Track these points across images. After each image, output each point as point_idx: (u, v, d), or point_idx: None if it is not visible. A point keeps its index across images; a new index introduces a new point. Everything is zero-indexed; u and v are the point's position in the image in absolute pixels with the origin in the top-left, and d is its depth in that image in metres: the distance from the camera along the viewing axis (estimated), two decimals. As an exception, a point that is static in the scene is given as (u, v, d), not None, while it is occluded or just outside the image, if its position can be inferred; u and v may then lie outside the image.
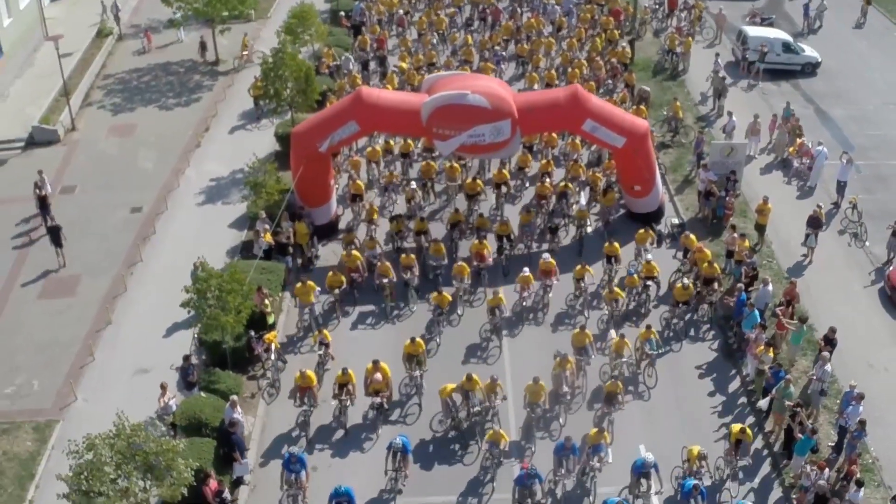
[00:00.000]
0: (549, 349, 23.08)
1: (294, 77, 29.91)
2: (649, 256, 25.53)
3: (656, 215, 28.11)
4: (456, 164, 29.72)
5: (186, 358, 21.68)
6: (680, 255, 26.48)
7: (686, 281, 24.25)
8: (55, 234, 26.94)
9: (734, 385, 22.81)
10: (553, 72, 34.93)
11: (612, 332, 23.58)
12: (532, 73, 35.14)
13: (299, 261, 26.52)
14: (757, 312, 22.75)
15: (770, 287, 23.96)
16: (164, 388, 20.94)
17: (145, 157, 32.37)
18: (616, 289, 24.41)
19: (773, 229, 27.48)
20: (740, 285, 23.71)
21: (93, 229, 28.75)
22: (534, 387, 21.26)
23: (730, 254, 25.61)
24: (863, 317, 24.88)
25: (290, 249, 26.10)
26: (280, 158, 30.16)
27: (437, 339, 24.08)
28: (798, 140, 30.55)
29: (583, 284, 24.84)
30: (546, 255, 25.38)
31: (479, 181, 29.01)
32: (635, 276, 24.92)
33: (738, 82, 36.32)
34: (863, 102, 35.45)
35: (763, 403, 21.47)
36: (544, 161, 30.25)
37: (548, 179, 28.89)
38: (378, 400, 21.63)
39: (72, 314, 25.65)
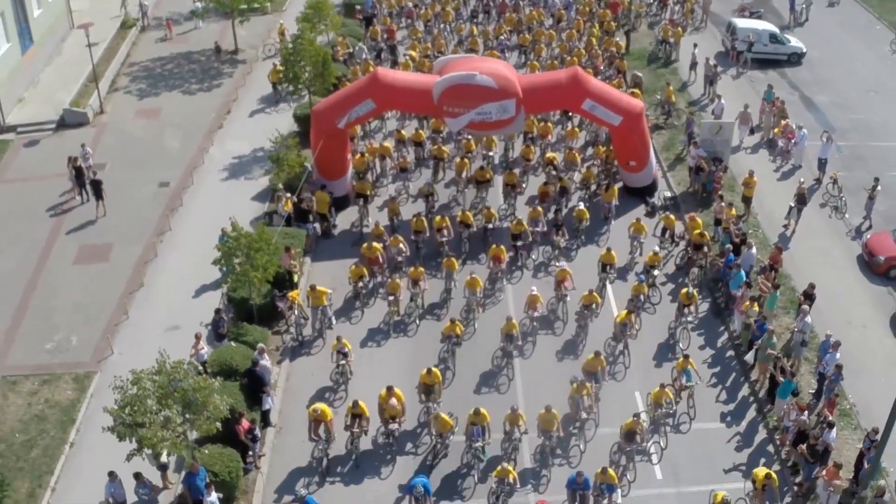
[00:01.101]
0: (561, 373, 22.62)
1: (312, 62, 31.12)
2: (656, 248, 25.50)
3: (650, 189, 29.33)
4: (465, 160, 29.99)
5: (217, 311, 22.89)
6: (659, 232, 26.77)
7: (692, 289, 23.92)
8: (97, 187, 28.51)
9: (722, 340, 24.07)
10: (553, 61, 36.11)
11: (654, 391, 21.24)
12: (533, 61, 36.25)
13: (318, 227, 27.67)
14: (743, 273, 24.00)
15: (754, 250, 25.26)
16: (197, 337, 22.12)
17: (171, 137, 33.59)
18: (630, 312, 23.18)
19: (758, 202, 28.72)
20: (728, 246, 24.93)
21: (123, 202, 29.87)
22: (546, 415, 20.41)
23: (717, 222, 26.84)
24: (842, 280, 26.12)
25: (311, 217, 27.31)
26: (299, 138, 31.17)
27: (452, 368, 23.15)
28: (783, 122, 31.76)
29: (589, 312, 23.83)
30: (562, 263, 25.32)
31: (487, 170, 29.43)
32: (644, 284, 24.47)
33: (728, 70, 37.45)
34: (845, 90, 36.61)
35: (750, 356, 22.76)
36: (550, 154, 30.43)
37: (552, 170, 29.51)
38: (393, 426, 20.87)
39: (106, 278, 26.85)
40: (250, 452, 20.25)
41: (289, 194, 27.09)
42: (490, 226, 27.40)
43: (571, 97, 27.96)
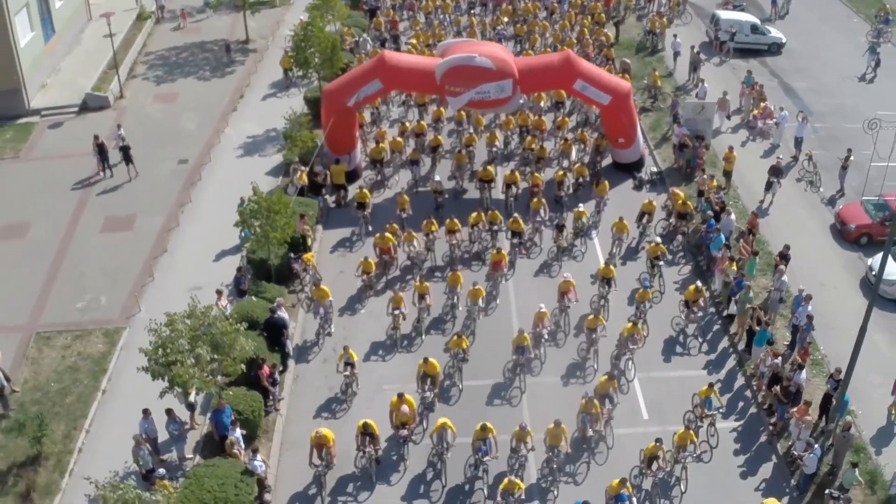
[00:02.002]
0: (567, 390, 22.56)
1: (321, 48, 32.48)
2: (657, 238, 25.97)
3: (637, 165, 30.78)
4: (463, 153, 30.44)
5: (239, 269, 24.31)
6: (636, 217, 27.53)
7: (699, 283, 24.33)
8: (126, 153, 30.22)
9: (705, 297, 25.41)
10: (547, 49, 37.45)
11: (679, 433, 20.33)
12: (528, 50, 37.65)
13: (330, 199, 29.14)
14: (723, 236, 25.45)
15: (733, 216, 26.81)
16: (219, 293, 23.43)
17: (188, 119, 34.93)
18: (635, 324, 22.82)
19: (738, 176, 30.19)
20: (709, 213, 26.38)
21: (145, 177, 31.25)
22: (555, 430, 20.15)
23: (700, 193, 28.25)
24: (816, 246, 27.60)
25: (325, 191, 28.72)
26: (310, 118, 32.54)
27: (459, 385, 22.75)
28: (761, 104, 33.25)
29: (594, 336, 23.15)
30: (567, 275, 24.80)
31: (490, 168, 29.52)
32: (648, 290, 24.37)
33: (712, 59, 38.94)
34: (822, 77, 38.06)
35: (732, 310, 24.19)
36: (541, 146, 31.06)
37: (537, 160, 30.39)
38: (404, 433, 20.74)
39: (131, 245, 28.16)
40: (271, 397, 21.68)
41: (303, 167, 28.50)
42: (496, 227, 27.50)
43: (563, 78, 29.39)
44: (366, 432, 20.15)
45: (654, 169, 30.87)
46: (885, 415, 21.80)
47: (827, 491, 19.01)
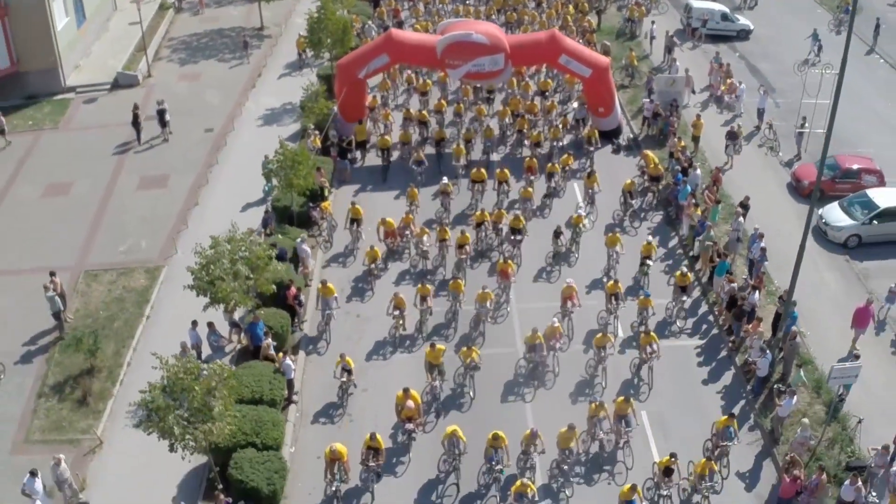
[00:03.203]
0: (576, 404, 22.55)
1: (333, 29, 35.23)
2: (649, 238, 26.45)
3: (616, 132, 33.66)
4: (461, 147, 31.46)
5: (266, 211, 26.98)
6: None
7: (685, 269, 25.12)
8: (161, 116, 32.94)
9: (673, 243, 28.37)
10: (536, 34, 40.38)
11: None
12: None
13: (355, 157, 32.10)
14: (689, 187, 28.27)
15: (699, 172, 29.65)
16: (249, 231, 26.10)
17: (211, 95, 37.60)
18: (651, 334, 22.97)
19: (705, 141, 33.07)
20: (678, 168, 29.22)
21: (175, 143, 34.02)
22: (567, 433, 20.26)
23: (671, 155, 31.08)
24: (773, 201, 30.38)
25: (350, 154, 31.89)
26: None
27: (471, 394, 22.72)
28: (728, 80, 36.16)
29: (603, 353, 22.99)
30: (570, 280, 24.97)
31: (483, 171, 30.04)
32: (649, 298, 24.44)
33: (685, 44, 41.83)
34: (785, 60, 40.74)
35: (696, 249, 26.99)
36: (535, 133, 32.36)
37: (537, 150, 31.64)
38: (410, 426, 21.00)
39: (165, 199, 30.80)
40: (296, 316, 24.36)
41: (317, 131, 31.21)
42: (501, 226, 27.72)
43: (550, 53, 32.20)
44: (371, 446, 19.90)
45: (631, 135, 33.82)
46: (829, 338, 24.48)
47: (774, 386, 21.82)
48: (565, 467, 20.46)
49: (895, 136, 35.23)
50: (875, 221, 28.03)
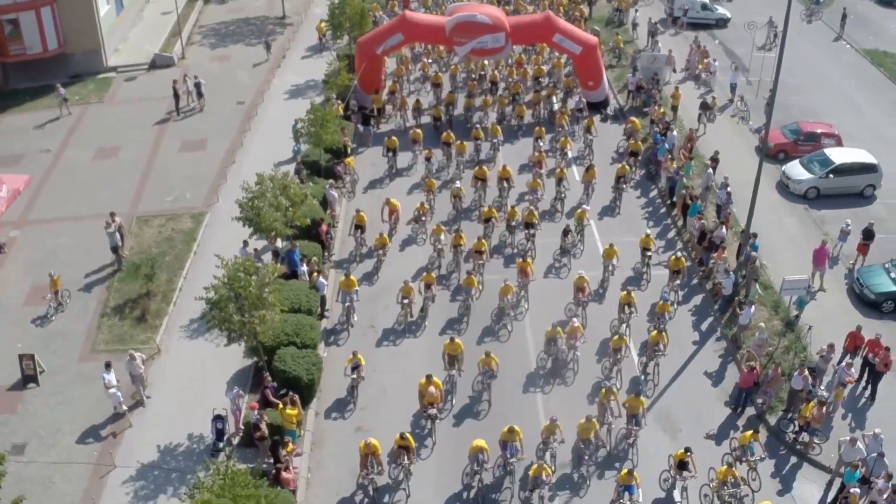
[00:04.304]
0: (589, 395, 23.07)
1: (351, 14, 38.59)
2: (647, 231, 27.62)
3: (604, 103, 37.02)
4: (464, 143, 32.64)
5: (298, 163, 30.21)
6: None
7: (679, 254, 26.47)
8: (198, 88, 36.25)
9: (653, 194, 31.66)
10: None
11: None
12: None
13: (375, 125, 35.14)
14: (666, 145, 31.59)
15: (676, 133, 32.95)
16: (286, 174, 29.28)
17: (241, 74, 40.85)
18: (660, 332, 23.54)
19: (683, 111, 36.38)
20: (656, 129, 32.52)
21: (210, 114, 37.24)
22: (585, 424, 20.69)
23: (652, 122, 34.35)
24: (742, 161, 33.31)
25: (372, 122, 35.02)
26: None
27: (489, 399, 22.93)
28: (705, 60, 39.54)
29: (619, 356, 23.44)
30: (581, 271, 25.64)
31: (486, 168, 31.16)
32: (668, 303, 24.98)
33: (668, 31, 45.16)
34: (758, 44, 44.39)
35: (675, 196, 30.28)
36: (538, 128, 33.45)
37: (541, 142, 32.54)
38: (433, 412, 21.51)
39: (205, 160, 34.01)
40: (326, 250, 27.54)
41: (339, 101, 34.49)
42: (513, 223, 28.34)
43: (545, 32, 35.60)
44: (402, 445, 20.20)
45: (616, 106, 37.29)
46: (788, 270, 27.33)
47: (736, 299, 25.04)
48: (585, 457, 20.85)
49: (857, 110, 38.62)
50: (831, 176, 31.33)
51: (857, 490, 19.39)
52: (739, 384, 22.70)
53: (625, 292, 25.01)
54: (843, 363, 22.96)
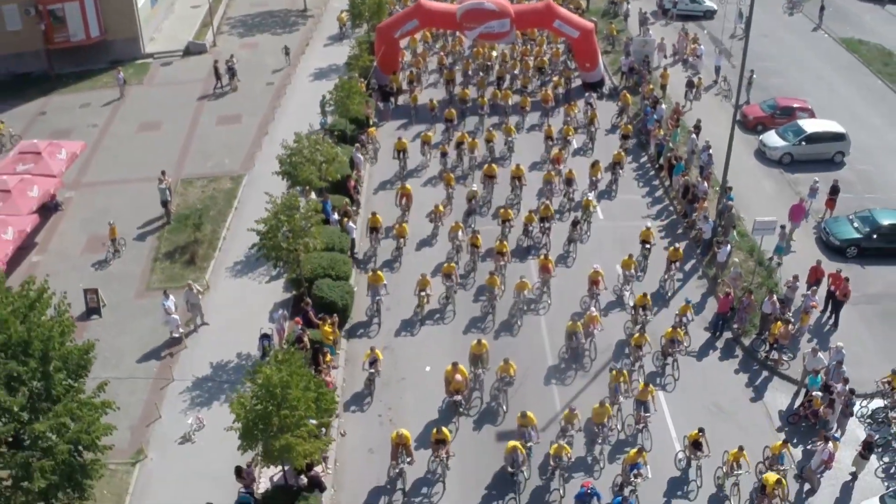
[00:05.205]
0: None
1: (370, 3, 41.79)
2: (648, 223, 28.60)
3: (600, 83, 40.17)
4: (476, 140, 34.05)
5: (325, 130, 33.31)
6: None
7: (677, 245, 27.76)
8: (231, 70, 39.42)
9: (643, 159, 34.76)
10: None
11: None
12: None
13: (394, 101, 38.15)
14: (655, 116, 34.71)
15: (664, 107, 36.05)
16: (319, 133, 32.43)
17: (269, 59, 43.98)
18: (675, 329, 24.04)
19: (671, 89, 39.50)
20: (646, 102, 35.65)
21: (243, 93, 40.39)
22: (600, 409, 21.38)
23: (643, 98, 37.45)
24: (724, 133, 35.81)
25: (392, 98, 38.26)
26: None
27: (504, 406, 23.01)
28: (692, 45, 42.72)
29: (640, 353, 23.90)
30: (596, 265, 26.24)
31: (494, 166, 32.07)
32: (689, 304, 25.29)
33: (659, 22, 48.45)
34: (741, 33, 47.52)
35: (662, 161, 33.36)
36: (547, 127, 35.16)
37: (552, 143, 33.82)
38: (458, 398, 22.10)
39: (240, 132, 37.11)
40: (354, 202, 30.58)
41: (362, 79, 37.64)
42: (531, 227, 28.89)
43: (546, 18, 38.82)
44: (439, 439, 20.59)
45: (611, 85, 40.44)
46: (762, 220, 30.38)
47: (715, 239, 28.07)
48: (598, 441, 21.67)
49: (832, 90, 41.74)
50: (803, 143, 34.41)
51: (819, 393, 22.39)
52: (718, 310, 25.69)
53: (641, 294, 25.54)
54: (809, 292, 25.96)
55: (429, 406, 23.22)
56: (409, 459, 20.53)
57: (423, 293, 25.66)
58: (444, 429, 20.78)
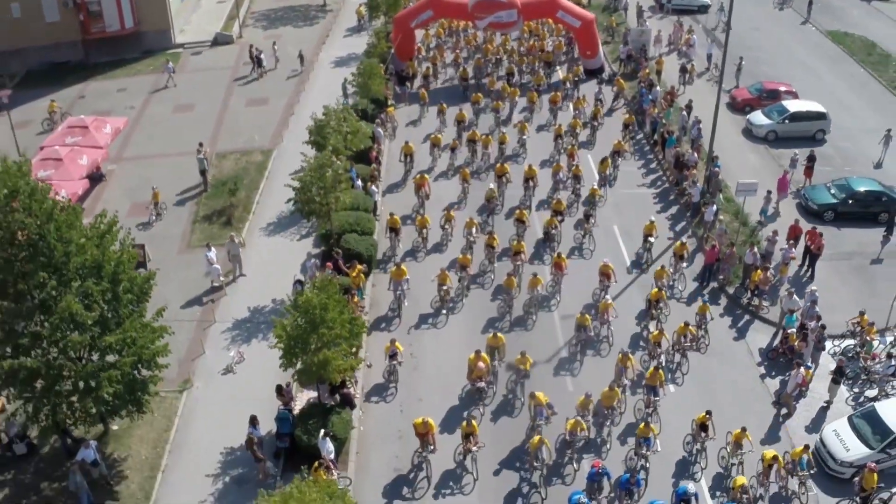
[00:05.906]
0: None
1: (387, -5, 44.80)
2: (652, 217, 29.15)
3: (600, 70, 42.93)
4: (489, 137, 35.08)
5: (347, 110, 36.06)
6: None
7: (684, 238, 28.91)
8: (258, 58, 42.14)
9: (640, 137, 37.34)
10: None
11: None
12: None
13: (409, 85, 40.88)
14: (650, 96, 37.37)
15: (658, 89, 38.67)
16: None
17: (292, 49, 46.64)
18: (687, 325, 24.36)
19: (666, 76, 42.09)
20: (642, 84, 38.32)
21: (268, 79, 43.10)
22: (609, 393, 22.02)
23: (639, 82, 40.10)
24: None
25: (409, 82, 40.91)
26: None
27: (521, 398, 23.53)
28: (686, 36, 45.43)
29: (659, 350, 24.24)
30: (606, 259, 26.83)
31: (506, 165, 32.74)
32: (707, 304, 25.67)
33: (656, 15, 51.24)
34: (736, 26, 48.79)
35: (656, 137, 35.98)
36: (557, 126, 36.12)
37: (561, 141, 34.72)
38: (481, 384, 22.65)
39: (268, 112, 39.80)
40: (376, 171, 33.20)
41: (381, 64, 40.37)
42: (549, 229, 29.23)
43: (550, 9, 41.66)
44: (468, 432, 20.92)
45: (611, 72, 43.26)
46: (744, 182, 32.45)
47: (701, 201, 30.66)
48: (608, 423, 22.46)
49: (817, 77, 44.34)
50: (787, 122, 37.02)
51: (794, 330, 24.93)
52: (705, 262, 28.25)
53: (656, 289, 26.02)
54: (787, 245, 28.51)
55: (449, 395, 23.89)
56: (431, 448, 21.10)
57: (443, 287, 26.40)
58: (472, 422, 21.14)
